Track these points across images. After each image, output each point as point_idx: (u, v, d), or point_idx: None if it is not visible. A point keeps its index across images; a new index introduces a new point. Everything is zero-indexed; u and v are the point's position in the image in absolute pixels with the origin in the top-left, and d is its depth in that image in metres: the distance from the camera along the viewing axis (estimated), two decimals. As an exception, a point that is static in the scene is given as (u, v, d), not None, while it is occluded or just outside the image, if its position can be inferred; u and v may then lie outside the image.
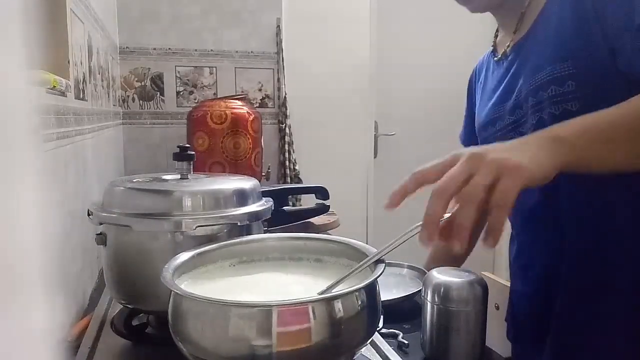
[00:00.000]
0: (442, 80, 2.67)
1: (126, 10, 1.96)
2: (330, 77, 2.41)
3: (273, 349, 0.45)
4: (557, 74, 0.67)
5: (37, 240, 0.17)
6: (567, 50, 0.66)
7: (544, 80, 0.68)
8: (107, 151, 1.51)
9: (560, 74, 0.66)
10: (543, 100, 0.68)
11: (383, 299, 0.55)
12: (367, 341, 0.54)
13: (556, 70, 0.67)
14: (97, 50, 1.32)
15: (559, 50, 0.67)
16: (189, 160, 0.74)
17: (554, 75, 0.67)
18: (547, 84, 0.68)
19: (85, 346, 0.67)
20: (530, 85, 0.71)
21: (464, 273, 0.66)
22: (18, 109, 0.16)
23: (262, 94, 2.16)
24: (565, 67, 0.66)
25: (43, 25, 0.85)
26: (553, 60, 0.67)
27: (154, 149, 2.05)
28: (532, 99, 0.71)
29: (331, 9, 2.40)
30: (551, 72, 0.67)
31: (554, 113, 0.67)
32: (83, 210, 0.75)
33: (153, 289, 0.61)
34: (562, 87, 0.66)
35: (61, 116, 0.83)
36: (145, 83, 2.03)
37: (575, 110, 0.65)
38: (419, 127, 2.71)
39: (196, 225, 0.64)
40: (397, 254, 0.54)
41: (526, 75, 0.73)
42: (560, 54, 0.67)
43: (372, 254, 0.58)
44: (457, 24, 2.69)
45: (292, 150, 2.19)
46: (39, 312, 0.16)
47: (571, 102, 0.66)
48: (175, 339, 0.51)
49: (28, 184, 0.16)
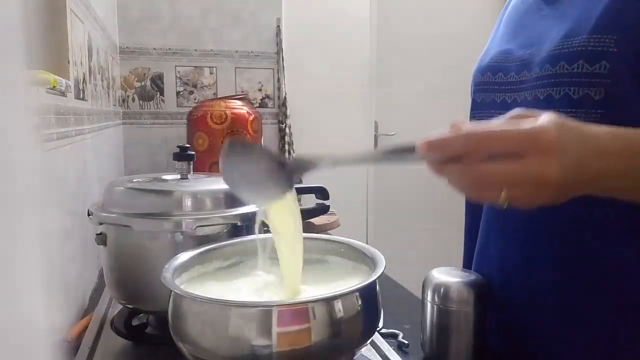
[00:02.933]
0: (443, 80, 2.67)
1: (126, 10, 1.96)
2: (330, 77, 2.41)
3: (273, 349, 0.45)
4: (591, 47, 0.53)
5: (37, 240, 0.16)
6: (614, 19, 0.52)
7: (572, 49, 0.54)
8: (107, 151, 1.51)
9: (595, 47, 0.52)
10: (563, 74, 0.55)
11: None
12: (367, 341, 0.54)
13: (592, 42, 0.53)
14: (97, 50, 1.32)
15: (604, 16, 0.53)
16: (189, 160, 0.74)
17: (587, 47, 0.53)
18: (575, 56, 0.54)
19: (85, 346, 0.67)
20: (554, 49, 0.57)
21: (464, 273, 0.66)
22: (18, 109, 0.16)
23: (262, 94, 2.16)
24: (604, 42, 0.52)
25: (43, 25, 0.85)
26: (593, 27, 0.53)
27: (154, 149, 2.05)
28: (548, 68, 0.57)
29: (331, 9, 2.40)
30: (585, 42, 0.53)
31: (571, 95, 0.55)
32: (83, 210, 0.75)
33: (153, 289, 0.61)
34: (592, 66, 0.53)
35: (61, 116, 0.83)
36: (145, 83, 2.03)
37: (597, 99, 0.53)
38: (419, 127, 2.70)
39: (196, 225, 0.64)
40: (396, 254, 0.54)
41: (557, 30, 0.58)
42: (604, 22, 0.53)
43: (371, 254, 0.58)
44: (457, 24, 2.69)
45: (292, 150, 2.19)
46: (39, 312, 0.16)
47: (596, 88, 0.53)
48: (175, 339, 0.51)
49: (28, 184, 0.16)
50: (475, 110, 0.73)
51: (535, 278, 0.63)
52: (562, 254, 0.59)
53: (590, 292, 0.58)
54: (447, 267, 0.68)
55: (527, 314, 0.64)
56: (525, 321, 0.64)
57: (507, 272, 0.66)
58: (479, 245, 0.72)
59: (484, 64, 0.71)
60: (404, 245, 2.48)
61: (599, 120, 0.53)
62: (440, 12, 2.69)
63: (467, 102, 0.76)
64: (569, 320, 0.60)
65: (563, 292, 0.60)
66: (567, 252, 0.59)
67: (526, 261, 0.63)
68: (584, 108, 0.54)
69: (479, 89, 0.72)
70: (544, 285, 0.62)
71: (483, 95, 0.71)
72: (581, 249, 0.58)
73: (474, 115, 0.74)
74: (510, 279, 0.66)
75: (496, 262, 0.67)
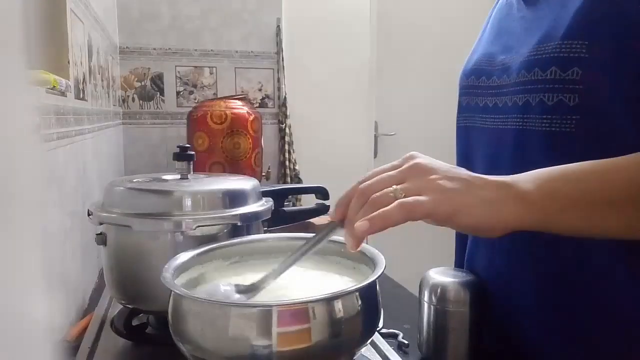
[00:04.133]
0: (443, 80, 2.67)
1: (126, 10, 1.96)
2: (330, 77, 2.41)
3: (273, 349, 0.45)
4: (563, 53, 0.52)
5: (37, 240, 0.17)
6: (585, 25, 0.51)
7: (545, 55, 0.54)
8: (107, 151, 1.51)
9: (567, 54, 0.52)
10: (537, 80, 0.55)
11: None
12: (367, 341, 0.54)
13: (564, 48, 0.52)
14: (97, 50, 1.32)
15: (575, 22, 0.52)
16: (189, 160, 0.74)
17: (559, 53, 0.53)
18: (548, 62, 0.54)
19: (85, 346, 0.67)
20: (529, 55, 0.56)
21: (460, 273, 0.66)
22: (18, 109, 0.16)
23: (262, 94, 2.16)
24: (576, 48, 0.51)
25: (43, 25, 0.85)
26: (565, 33, 0.52)
27: (154, 149, 2.05)
28: (524, 74, 0.57)
29: (331, 9, 2.40)
30: (557, 48, 0.53)
31: (545, 102, 0.54)
32: (83, 210, 0.75)
33: (153, 289, 0.61)
34: (565, 73, 0.52)
35: (61, 116, 0.83)
36: (145, 83, 2.03)
37: (572, 105, 0.52)
38: (419, 127, 2.71)
39: (196, 225, 0.64)
40: (396, 254, 0.54)
41: (533, 35, 0.57)
42: (575, 28, 0.52)
43: (371, 254, 0.58)
44: (457, 24, 2.69)
45: (292, 150, 2.19)
46: (39, 312, 0.16)
47: (570, 94, 0.52)
48: (175, 339, 0.51)
49: (28, 184, 0.16)
50: (461, 114, 0.73)
51: (520, 280, 0.62)
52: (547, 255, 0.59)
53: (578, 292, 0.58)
54: (443, 267, 0.68)
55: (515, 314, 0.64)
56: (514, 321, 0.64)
57: (495, 273, 0.66)
58: (469, 245, 0.72)
59: (469, 67, 0.70)
60: (404, 245, 2.47)
61: (575, 126, 0.53)
62: (441, 12, 2.69)
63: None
64: (559, 321, 0.59)
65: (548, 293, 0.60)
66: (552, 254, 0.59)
67: (513, 262, 0.63)
68: (558, 114, 0.54)
69: (464, 92, 0.71)
70: (530, 286, 0.61)
71: (468, 99, 0.71)
72: (567, 250, 0.57)
73: (460, 119, 0.74)
74: (498, 279, 0.65)
75: (484, 262, 0.68)
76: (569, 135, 0.54)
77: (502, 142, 0.62)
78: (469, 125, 0.71)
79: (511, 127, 0.60)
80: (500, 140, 0.62)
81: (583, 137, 0.53)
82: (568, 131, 0.54)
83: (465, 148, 0.73)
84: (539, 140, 0.56)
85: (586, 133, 0.53)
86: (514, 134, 0.60)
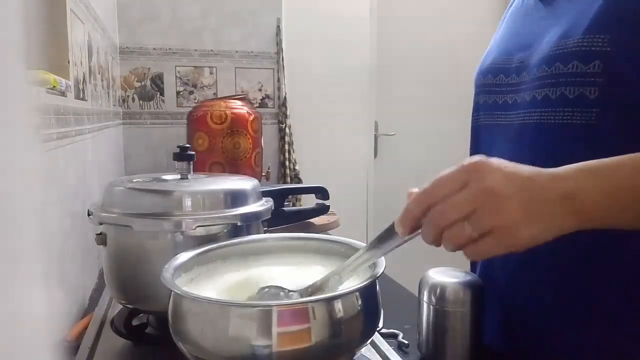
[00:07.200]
0: (443, 80, 2.68)
1: (126, 10, 1.96)
2: (330, 77, 2.41)
3: (273, 349, 0.45)
4: (585, 47, 0.54)
5: (37, 240, 0.17)
6: (608, 19, 0.53)
7: (567, 49, 0.55)
8: (107, 151, 1.51)
9: (589, 47, 0.53)
10: (558, 74, 0.56)
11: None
12: (367, 341, 0.54)
13: (585, 43, 0.54)
14: (97, 50, 1.32)
15: (599, 16, 0.53)
16: (189, 160, 0.74)
17: (581, 47, 0.54)
18: (570, 56, 0.55)
19: (85, 346, 0.67)
20: (550, 50, 0.58)
21: (460, 274, 0.66)
22: (18, 109, 0.16)
23: (262, 94, 2.16)
24: (598, 41, 0.53)
25: (43, 25, 0.85)
26: (587, 27, 0.54)
27: (154, 149, 2.05)
28: (545, 69, 0.58)
29: (331, 9, 2.40)
30: (579, 42, 0.54)
31: (567, 95, 0.56)
32: (83, 210, 0.75)
33: (153, 289, 0.61)
34: (587, 66, 0.54)
35: (61, 116, 0.83)
36: (145, 83, 2.03)
37: (592, 98, 0.54)
38: (419, 127, 2.71)
39: (196, 225, 0.64)
40: (396, 254, 0.54)
41: (554, 32, 0.59)
42: (598, 22, 0.53)
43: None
44: (457, 24, 2.69)
45: (292, 150, 2.19)
46: (39, 312, 0.16)
47: (591, 87, 0.54)
48: (175, 339, 0.51)
49: (28, 184, 0.16)
50: (478, 112, 0.74)
51: (536, 277, 0.63)
52: (562, 253, 0.59)
53: (591, 291, 0.58)
54: (443, 267, 0.68)
55: (530, 312, 0.64)
56: (528, 320, 0.64)
57: (510, 271, 0.66)
58: None
59: (485, 66, 0.72)
60: (404, 245, 2.47)
61: (595, 118, 0.55)
62: (441, 12, 2.69)
63: (467, 101, 0.76)
64: (569, 319, 0.60)
65: (563, 291, 0.60)
66: (568, 251, 0.59)
67: (528, 260, 0.63)
68: (579, 107, 0.55)
69: (481, 90, 0.72)
70: (545, 285, 0.62)
71: (485, 97, 0.71)
72: (582, 247, 0.58)
73: (477, 117, 0.74)
74: (512, 277, 0.66)
75: (499, 260, 0.68)
76: (589, 127, 0.55)
77: (522, 138, 0.63)
78: (487, 123, 0.72)
79: (531, 122, 0.61)
80: (520, 135, 0.63)
81: (603, 129, 0.55)
82: (589, 123, 0.55)
83: (481, 146, 0.74)
84: (560, 133, 0.58)
85: (606, 125, 0.55)
86: (534, 127, 0.61)
